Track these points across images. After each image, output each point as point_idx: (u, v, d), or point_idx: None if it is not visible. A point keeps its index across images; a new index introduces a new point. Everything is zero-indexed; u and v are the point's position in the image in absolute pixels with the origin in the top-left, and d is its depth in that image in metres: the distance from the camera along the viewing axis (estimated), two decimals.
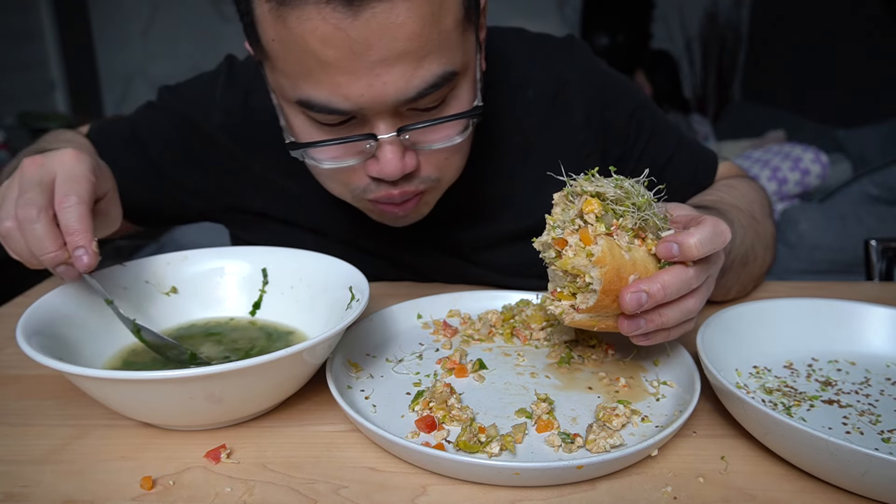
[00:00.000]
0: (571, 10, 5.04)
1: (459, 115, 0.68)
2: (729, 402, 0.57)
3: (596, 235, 0.55)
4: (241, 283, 0.76)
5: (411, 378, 0.66)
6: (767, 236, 0.88)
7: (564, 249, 0.56)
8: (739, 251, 0.79)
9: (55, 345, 0.58)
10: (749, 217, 0.84)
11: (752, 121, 3.83)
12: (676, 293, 0.56)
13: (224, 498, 0.49)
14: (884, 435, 0.56)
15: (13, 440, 0.57)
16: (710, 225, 0.56)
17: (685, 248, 0.54)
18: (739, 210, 0.83)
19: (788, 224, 2.25)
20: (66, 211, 0.60)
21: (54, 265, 0.60)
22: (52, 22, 4.62)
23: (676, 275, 0.55)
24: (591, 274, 0.54)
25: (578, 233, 0.56)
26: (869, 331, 0.71)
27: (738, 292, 0.87)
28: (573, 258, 0.55)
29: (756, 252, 0.84)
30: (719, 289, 0.80)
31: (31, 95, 4.49)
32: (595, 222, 0.55)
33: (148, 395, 0.52)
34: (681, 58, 4.92)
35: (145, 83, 5.27)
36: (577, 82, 0.89)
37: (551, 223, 0.58)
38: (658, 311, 0.56)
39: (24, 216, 0.59)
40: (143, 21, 5.11)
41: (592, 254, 0.54)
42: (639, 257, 0.56)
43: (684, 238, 0.55)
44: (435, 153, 0.71)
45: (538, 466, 0.49)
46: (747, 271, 0.84)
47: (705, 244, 0.55)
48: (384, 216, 0.78)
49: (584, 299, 0.56)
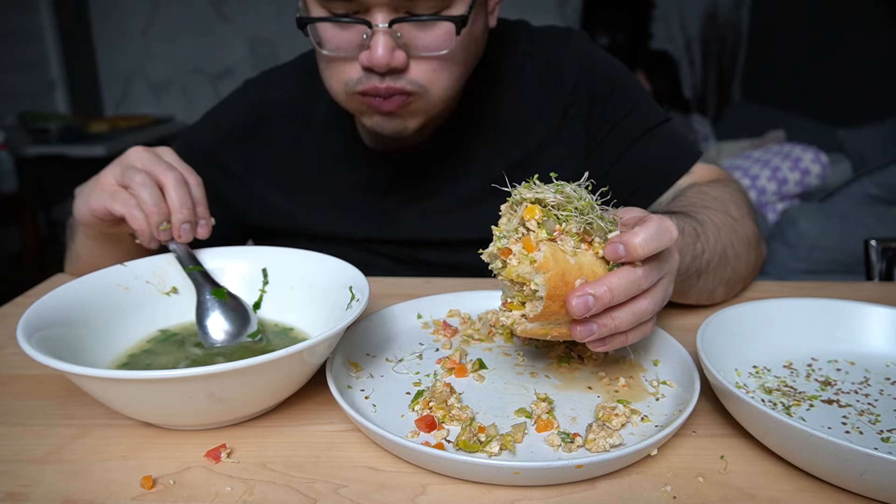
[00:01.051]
0: (571, 10, 5.04)
1: (446, 17, 0.77)
2: (728, 402, 0.57)
3: (538, 241, 0.54)
4: (241, 283, 0.76)
5: (411, 378, 0.66)
6: (748, 234, 0.87)
7: (509, 258, 0.55)
8: (716, 249, 0.79)
9: (56, 344, 0.58)
10: (724, 215, 0.84)
11: (752, 121, 3.83)
12: (625, 294, 0.55)
13: (224, 497, 0.49)
14: (883, 434, 0.56)
15: (13, 440, 0.57)
16: (655, 223, 0.56)
17: (630, 247, 0.54)
18: (712, 210, 0.83)
19: (788, 224, 2.25)
20: (194, 187, 0.74)
21: (181, 222, 0.70)
22: (52, 22, 4.62)
23: (624, 276, 0.54)
24: (535, 280, 0.53)
25: (521, 241, 0.55)
26: (869, 331, 0.71)
27: (726, 294, 0.86)
28: (517, 266, 0.54)
29: (737, 250, 0.84)
30: (703, 292, 0.81)
31: (31, 95, 4.50)
32: (536, 228, 0.55)
33: (148, 394, 0.52)
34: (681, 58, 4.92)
35: (145, 83, 5.28)
36: (572, 57, 0.98)
37: (497, 234, 0.58)
38: (609, 315, 0.56)
39: (160, 172, 0.70)
40: (143, 21, 5.11)
41: (535, 260, 0.53)
42: (585, 261, 0.55)
43: (629, 238, 0.54)
44: (424, 61, 0.79)
45: (538, 466, 0.49)
46: (730, 270, 0.84)
47: (650, 242, 0.54)
48: (373, 118, 0.84)
49: (532, 307, 0.55)
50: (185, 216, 0.71)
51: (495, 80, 0.98)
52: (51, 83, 4.71)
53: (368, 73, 0.79)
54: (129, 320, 0.70)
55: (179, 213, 0.71)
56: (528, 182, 0.57)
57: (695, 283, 0.79)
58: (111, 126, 4.61)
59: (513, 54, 0.99)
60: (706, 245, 0.78)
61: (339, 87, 0.83)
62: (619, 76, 0.99)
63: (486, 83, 0.97)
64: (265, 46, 5.11)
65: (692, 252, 0.75)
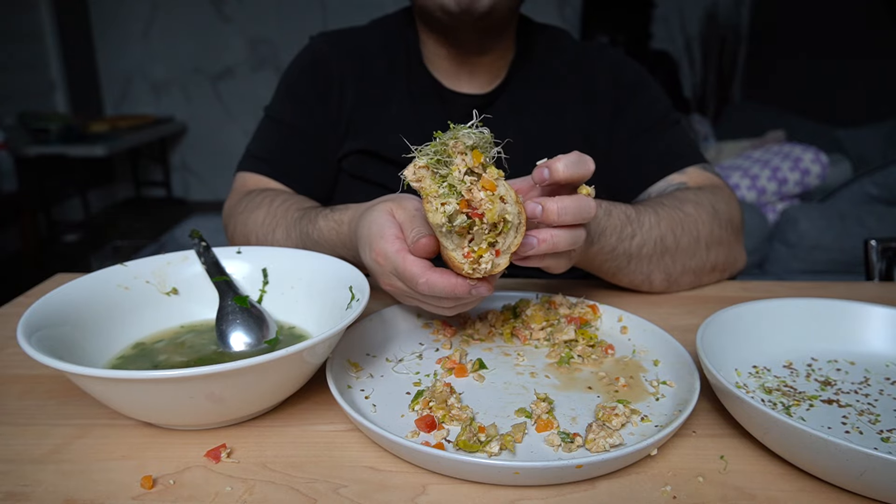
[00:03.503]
0: (571, 11, 5.04)
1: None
2: (728, 402, 0.57)
3: (495, 179, 0.58)
4: (242, 283, 0.76)
5: (411, 378, 0.66)
6: (703, 232, 0.90)
7: (476, 203, 0.57)
8: (650, 236, 0.84)
9: (56, 344, 0.58)
10: (674, 210, 0.88)
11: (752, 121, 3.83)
12: (573, 218, 0.61)
13: (224, 497, 0.49)
14: (883, 434, 0.56)
15: (14, 439, 0.57)
16: (575, 153, 0.63)
17: (553, 169, 0.61)
18: (662, 206, 0.88)
19: (788, 224, 2.25)
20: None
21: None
22: (52, 22, 4.62)
23: (577, 199, 0.62)
24: (510, 211, 0.57)
25: (480, 184, 0.57)
26: (868, 331, 0.71)
27: (667, 283, 0.90)
28: (493, 207, 0.57)
29: (679, 242, 0.87)
30: (636, 275, 0.87)
31: (31, 95, 4.50)
32: (487, 169, 0.58)
33: (148, 394, 0.52)
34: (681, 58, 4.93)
35: (145, 83, 5.28)
36: (604, 56, 1.08)
37: (432, 196, 0.57)
38: (551, 231, 0.62)
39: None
40: (143, 21, 5.11)
41: (502, 195, 0.57)
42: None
43: (551, 162, 0.62)
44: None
45: (538, 466, 0.49)
46: (669, 260, 0.88)
47: (570, 167, 0.61)
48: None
49: (505, 240, 0.59)
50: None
51: (535, 61, 1.07)
52: (51, 83, 4.71)
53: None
54: (129, 320, 0.70)
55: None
56: (456, 129, 0.58)
57: (625, 264, 0.84)
58: (111, 126, 4.62)
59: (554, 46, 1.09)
60: (637, 230, 0.83)
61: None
62: (645, 76, 1.08)
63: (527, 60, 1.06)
64: (265, 46, 5.11)
65: (618, 234, 0.81)
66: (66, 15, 4.76)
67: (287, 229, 0.90)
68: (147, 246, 2.68)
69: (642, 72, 1.08)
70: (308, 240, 0.87)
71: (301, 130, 1.05)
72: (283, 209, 0.92)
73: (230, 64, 5.17)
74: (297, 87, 1.07)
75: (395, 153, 1.03)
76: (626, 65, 1.08)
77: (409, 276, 0.62)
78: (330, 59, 1.06)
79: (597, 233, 0.78)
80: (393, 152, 1.03)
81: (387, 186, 0.99)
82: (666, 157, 1.01)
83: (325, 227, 0.84)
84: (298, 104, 1.06)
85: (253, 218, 0.94)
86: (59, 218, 4.59)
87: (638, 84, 1.06)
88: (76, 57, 4.90)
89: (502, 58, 1.03)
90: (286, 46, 4.96)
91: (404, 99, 1.05)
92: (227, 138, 5.20)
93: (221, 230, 1.05)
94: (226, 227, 1.02)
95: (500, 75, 1.04)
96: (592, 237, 0.77)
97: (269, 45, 5.10)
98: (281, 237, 0.91)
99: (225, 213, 1.03)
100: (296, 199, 0.96)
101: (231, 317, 0.69)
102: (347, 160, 1.07)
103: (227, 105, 5.28)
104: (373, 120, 1.05)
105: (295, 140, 1.05)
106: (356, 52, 1.07)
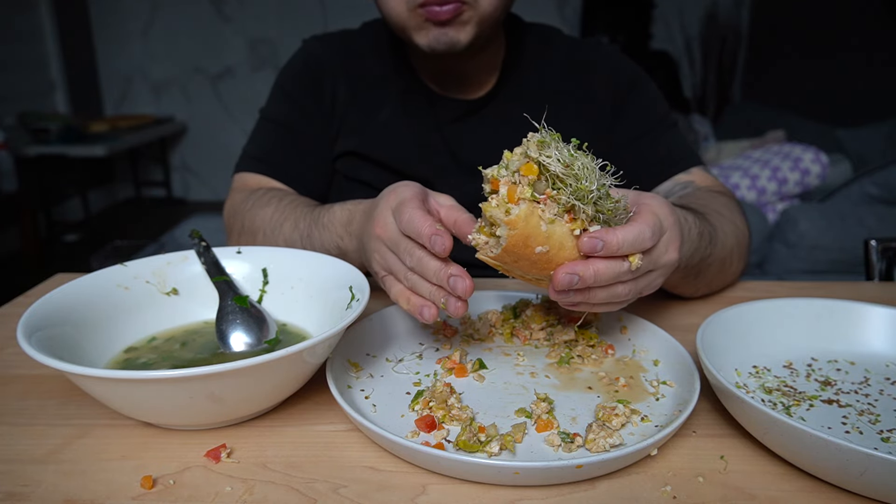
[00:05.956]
0: (571, 11, 5.04)
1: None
2: (728, 402, 0.57)
3: (520, 198, 0.55)
4: (242, 283, 0.76)
5: (411, 378, 0.66)
6: (746, 244, 0.92)
7: (490, 196, 0.56)
8: (720, 256, 0.83)
9: (56, 344, 0.58)
10: (732, 225, 0.88)
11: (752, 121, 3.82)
12: (607, 281, 0.58)
13: (224, 497, 0.49)
14: (883, 434, 0.56)
15: (14, 440, 0.57)
16: (636, 227, 0.57)
17: (608, 245, 0.56)
18: (725, 219, 0.88)
19: (788, 224, 2.25)
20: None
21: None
22: (52, 22, 4.62)
23: (612, 266, 0.57)
24: (500, 231, 0.55)
25: (508, 187, 0.55)
26: (869, 331, 0.71)
27: (706, 292, 0.91)
28: (493, 207, 0.55)
29: (734, 260, 0.89)
30: (690, 287, 0.86)
31: (31, 95, 4.49)
32: (525, 186, 0.55)
33: (148, 394, 0.52)
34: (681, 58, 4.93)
35: (145, 83, 5.28)
36: (601, 55, 1.08)
37: (505, 160, 0.57)
38: (587, 291, 0.58)
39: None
40: (143, 21, 5.11)
41: (510, 212, 0.54)
42: (557, 232, 0.55)
43: (609, 237, 0.56)
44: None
45: (538, 466, 0.49)
46: (722, 276, 0.89)
47: (625, 246, 0.56)
48: (430, 34, 0.90)
49: (492, 245, 0.57)
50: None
51: (527, 64, 1.06)
52: (51, 83, 4.70)
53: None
54: (129, 320, 0.70)
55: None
56: (553, 134, 0.56)
57: (692, 280, 0.83)
58: (111, 126, 4.62)
59: (546, 46, 1.08)
60: (713, 250, 0.81)
61: (401, 7, 0.90)
62: (642, 75, 1.08)
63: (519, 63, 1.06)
64: (265, 46, 5.11)
65: (702, 254, 0.78)
66: (66, 15, 4.75)
67: (295, 221, 0.90)
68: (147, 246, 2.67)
69: (639, 70, 1.08)
70: (316, 225, 0.86)
71: (296, 130, 1.06)
72: (293, 206, 0.93)
73: (230, 64, 5.16)
74: (290, 88, 1.07)
75: (386, 157, 1.04)
76: (624, 63, 1.08)
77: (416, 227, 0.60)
78: (322, 61, 1.07)
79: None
80: (383, 156, 1.04)
81: (380, 189, 0.99)
82: (671, 158, 1.01)
83: (340, 209, 0.84)
84: (292, 104, 1.06)
85: (262, 214, 0.94)
86: (59, 218, 4.58)
87: (637, 83, 1.06)
88: (76, 57, 4.90)
89: (492, 61, 1.03)
90: (286, 46, 4.96)
91: (395, 103, 1.05)
92: (227, 138, 5.20)
93: (221, 230, 1.05)
94: (230, 226, 1.02)
95: (490, 79, 1.05)
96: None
97: (269, 45, 5.09)
98: (288, 229, 0.90)
99: (227, 212, 1.03)
100: (306, 199, 0.97)
101: (231, 317, 0.69)
102: (341, 161, 1.07)
103: (227, 105, 5.28)
104: (364, 123, 1.05)
105: (290, 139, 1.06)
106: (348, 55, 1.08)
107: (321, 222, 0.86)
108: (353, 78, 1.07)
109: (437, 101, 1.05)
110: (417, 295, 0.64)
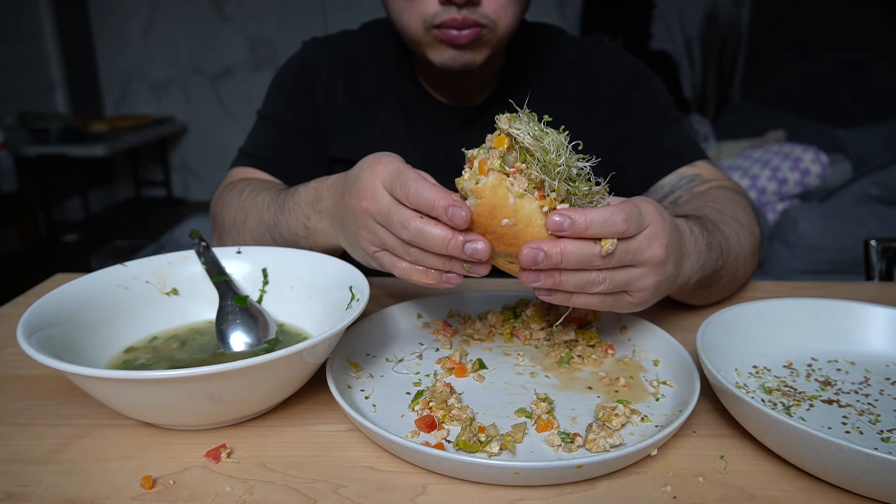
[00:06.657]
0: (571, 11, 5.04)
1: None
2: (728, 402, 0.57)
3: (489, 169, 0.55)
4: (242, 283, 0.76)
5: (411, 378, 0.66)
6: (756, 248, 0.90)
7: (464, 169, 0.57)
8: (732, 268, 0.82)
9: (56, 344, 0.58)
10: (748, 232, 0.86)
11: (752, 121, 3.82)
12: (575, 264, 0.55)
13: (224, 497, 0.49)
14: (883, 434, 0.56)
15: (14, 440, 0.57)
16: (609, 211, 0.55)
17: (575, 224, 0.54)
18: (739, 225, 0.85)
19: (788, 224, 2.25)
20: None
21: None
22: (52, 22, 4.62)
23: (580, 247, 0.55)
24: (469, 201, 0.55)
25: (479, 160, 0.56)
26: (869, 331, 0.71)
27: (716, 299, 0.87)
28: (465, 179, 0.56)
29: (745, 269, 0.88)
30: (701, 298, 0.83)
31: (31, 95, 4.50)
32: (496, 157, 0.55)
33: (148, 394, 0.52)
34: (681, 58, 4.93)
35: (145, 83, 5.28)
36: (603, 53, 1.08)
37: (487, 142, 0.58)
38: (555, 272, 0.57)
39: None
40: (142, 21, 5.11)
41: (478, 181, 0.55)
42: (526, 207, 0.55)
43: (576, 215, 0.54)
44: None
45: (538, 466, 0.49)
46: (732, 285, 0.87)
47: (593, 226, 0.54)
48: (445, 54, 0.89)
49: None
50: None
51: (529, 65, 1.06)
52: (51, 83, 4.71)
53: (446, 6, 0.84)
54: (129, 320, 0.70)
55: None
56: (525, 111, 0.57)
57: (704, 291, 0.81)
58: (111, 126, 4.62)
59: (549, 46, 1.08)
60: (726, 261, 0.79)
61: (418, 24, 0.87)
62: (645, 70, 1.08)
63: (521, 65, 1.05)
64: (265, 46, 5.11)
65: (713, 266, 0.76)
66: (66, 15, 4.76)
67: (259, 214, 0.86)
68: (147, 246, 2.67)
69: (641, 65, 1.08)
70: (282, 212, 0.82)
71: (291, 126, 1.06)
72: (254, 197, 0.89)
73: (230, 64, 5.16)
74: (285, 87, 1.08)
75: None
76: (625, 61, 1.07)
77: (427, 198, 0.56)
78: (319, 63, 1.07)
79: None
80: None
81: None
82: (675, 151, 1.01)
83: (304, 189, 0.80)
84: (287, 102, 1.06)
85: (229, 211, 0.93)
86: (59, 218, 4.59)
87: (639, 78, 1.05)
88: (76, 57, 4.90)
89: (493, 66, 1.03)
90: (286, 46, 4.96)
91: (394, 109, 1.05)
92: (227, 138, 5.20)
93: None
94: (212, 220, 1.01)
95: (492, 83, 1.04)
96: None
97: (269, 45, 5.09)
98: (253, 225, 0.87)
99: (210, 206, 1.03)
100: (270, 184, 0.95)
101: (231, 317, 0.69)
102: (339, 167, 1.06)
103: (227, 105, 5.28)
104: (361, 129, 1.05)
105: (285, 135, 1.06)
106: (347, 58, 1.08)
107: (286, 207, 0.82)
108: (351, 83, 1.06)
109: (437, 108, 1.04)
110: (428, 268, 0.60)
